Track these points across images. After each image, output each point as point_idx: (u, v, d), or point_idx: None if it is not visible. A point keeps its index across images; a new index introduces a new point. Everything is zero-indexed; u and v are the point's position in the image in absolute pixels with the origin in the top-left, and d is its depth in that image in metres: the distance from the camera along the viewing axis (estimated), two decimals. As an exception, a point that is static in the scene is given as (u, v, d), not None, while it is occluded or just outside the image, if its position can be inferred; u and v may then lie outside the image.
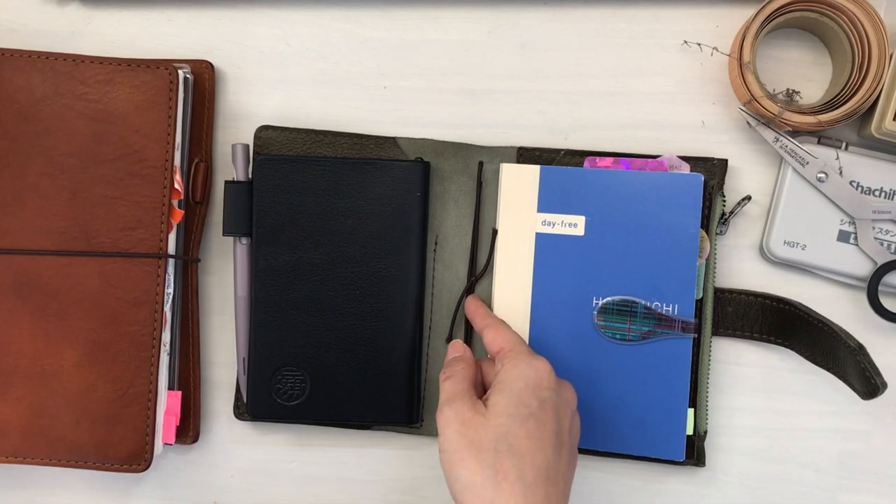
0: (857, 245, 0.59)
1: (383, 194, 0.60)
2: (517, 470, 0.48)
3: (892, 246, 0.59)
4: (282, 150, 0.62)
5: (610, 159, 0.60)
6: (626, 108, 0.62)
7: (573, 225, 0.59)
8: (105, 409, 0.59)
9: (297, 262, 0.60)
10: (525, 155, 0.61)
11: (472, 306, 0.59)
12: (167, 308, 0.60)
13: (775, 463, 0.62)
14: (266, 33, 0.64)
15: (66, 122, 0.59)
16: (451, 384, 0.53)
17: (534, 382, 0.51)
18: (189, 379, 0.63)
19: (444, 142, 0.62)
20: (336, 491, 0.64)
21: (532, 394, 0.51)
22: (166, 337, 0.60)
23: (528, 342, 0.59)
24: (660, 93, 0.62)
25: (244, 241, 0.61)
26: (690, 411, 0.59)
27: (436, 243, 0.62)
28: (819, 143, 0.59)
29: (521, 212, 0.60)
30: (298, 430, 0.64)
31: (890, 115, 0.56)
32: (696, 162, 0.60)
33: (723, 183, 0.60)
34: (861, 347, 0.54)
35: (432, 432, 0.62)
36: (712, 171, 0.60)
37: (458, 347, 0.57)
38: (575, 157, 0.61)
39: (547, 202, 0.59)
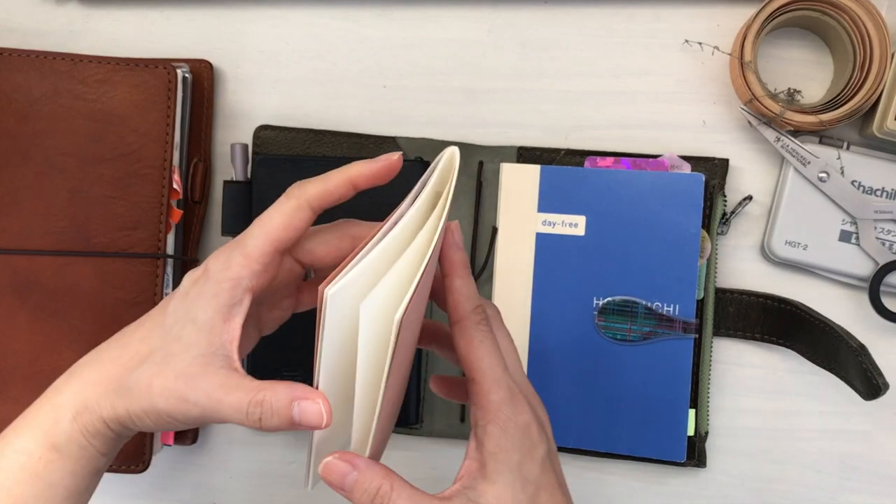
0: (858, 245, 0.59)
1: (383, 194, 0.60)
2: None
3: (894, 246, 0.59)
4: (281, 150, 0.62)
5: (610, 159, 0.60)
6: (627, 108, 0.62)
7: (573, 225, 0.59)
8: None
9: (297, 262, 0.60)
10: (525, 154, 0.61)
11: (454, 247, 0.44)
12: (166, 308, 0.60)
13: (776, 464, 0.62)
14: (265, 32, 0.64)
15: (64, 121, 0.59)
16: None
17: (528, 446, 0.41)
18: (188, 379, 0.63)
19: (443, 141, 0.62)
20: (335, 492, 0.64)
21: (531, 461, 0.41)
22: (165, 337, 0.60)
23: (528, 343, 0.59)
24: (661, 92, 0.62)
25: (243, 241, 0.61)
26: (691, 412, 0.59)
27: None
28: (820, 142, 0.59)
29: (521, 212, 0.59)
30: (297, 430, 0.64)
31: (891, 115, 0.55)
32: (696, 162, 0.60)
33: (724, 183, 0.60)
34: (863, 348, 0.54)
35: (432, 432, 0.62)
36: (713, 170, 0.60)
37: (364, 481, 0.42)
38: (575, 157, 0.61)
39: (547, 202, 0.59)
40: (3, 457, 0.43)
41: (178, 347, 0.41)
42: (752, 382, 0.62)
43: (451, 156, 0.41)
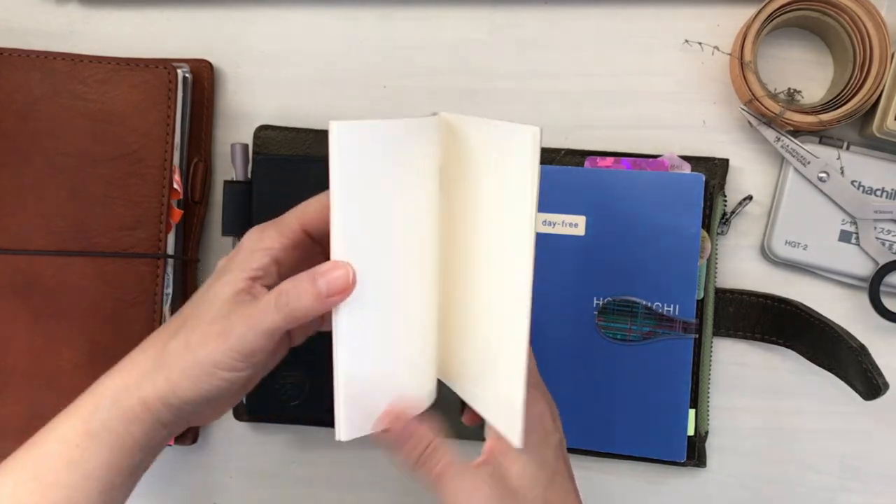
0: (858, 245, 0.59)
1: None
2: None
3: (894, 246, 0.59)
4: (281, 150, 0.62)
5: (610, 159, 0.60)
6: (627, 108, 0.62)
7: (574, 225, 0.59)
8: (104, 410, 0.59)
9: (297, 262, 0.60)
10: (525, 155, 0.61)
11: None
12: (166, 308, 0.60)
13: (776, 464, 0.62)
14: (265, 33, 0.64)
15: (64, 121, 0.59)
16: (448, 476, 0.43)
17: (543, 433, 0.45)
18: (188, 379, 0.63)
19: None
20: (335, 492, 0.64)
21: (546, 446, 0.44)
22: (165, 337, 0.60)
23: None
24: (660, 92, 0.62)
25: (243, 241, 0.61)
26: (691, 412, 0.59)
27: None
28: (820, 142, 0.59)
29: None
30: (297, 431, 0.64)
31: (891, 115, 0.55)
32: (697, 161, 0.60)
33: (724, 183, 0.60)
34: (863, 348, 0.54)
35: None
36: (713, 170, 0.60)
37: (417, 435, 0.45)
38: (575, 157, 0.61)
39: (547, 202, 0.59)
40: (43, 445, 0.44)
41: (208, 305, 0.43)
42: (752, 382, 0.62)
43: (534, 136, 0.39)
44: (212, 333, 0.42)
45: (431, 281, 0.45)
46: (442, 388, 0.52)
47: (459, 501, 0.42)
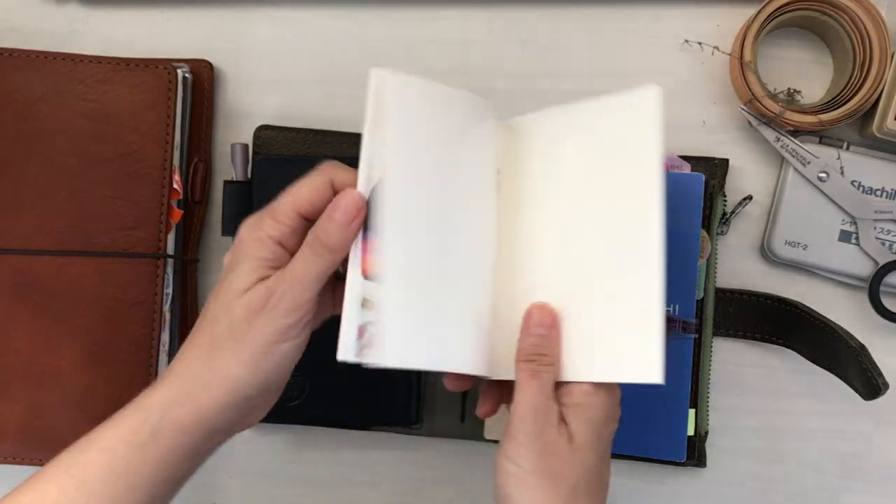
0: (858, 245, 0.59)
1: None
2: None
3: (894, 246, 0.59)
4: (281, 150, 0.62)
5: (611, 159, 0.60)
6: (627, 108, 0.62)
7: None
8: (104, 410, 0.58)
9: (297, 262, 0.60)
10: (525, 155, 0.61)
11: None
12: (166, 308, 0.60)
13: (776, 464, 0.62)
14: (265, 32, 0.64)
15: (64, 121, 0.59)
16: (537, 389, 0.43)
17: (608, 412, 0.44)
18: (188, 379, 0.63)
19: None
20: (335, 492, 0.64)
21: (606, 427, 0.44)
22: (165, 337, 0.60)
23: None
24: (660, 92, 0.62)
25: (243, 241, 0.61)
26: (691, 412, 0.59)
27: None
28: (820, 142, 0.59)
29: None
30: (298, 430, 0.64)
31: (891, 115, 0.55)
32: (696, 161, 0.60)
33: (724, 183, 0.60)
34: (862, 348, 0.54)
35: (432, 432, 0.62)
36: (713, 170, 0.60)
37: (546, 318, 0.44)
38: (575, 157, 0.61)
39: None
40: (87, 452, 0.43)
41: (233, 295, 0.43)
42: (752, 382, 0.62)
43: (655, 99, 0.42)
44: (253, 311, 0.42)
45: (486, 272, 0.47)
46: (440, 389, 0.52)
47: (517, 430, 0.43)
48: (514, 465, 0.42)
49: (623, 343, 0.42)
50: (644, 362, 0.41)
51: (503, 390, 0.48)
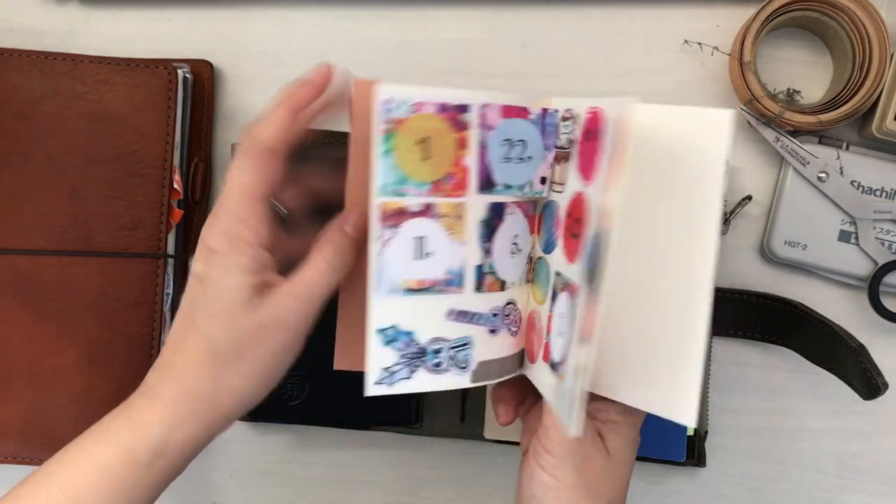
0: (857, 245, 0.59)
1: None
2: None
3: (893, 246, 0.59)
4: (281, 150, 0.62)
5: (611, 159, 0.60)
6: (627, 108, 0.62)
7: (574, 225, 0.59)
8: (104, 410, 0.58)
9: (297, 262, 0.60)
10: (525, 155, 0.61)
11: None
12: (166, 308, 0.60)
13: (776, 463, 0.62)
14: (266, 33, 0.64)
15: (64, 121, 0.59)
16: None
17: (639, 430, 0.46)
18: (188, 379, 0.63)
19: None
20: (335, 491, 0.64)
21: (636, 443, 0.46)
22: (165, 337, 0.60)
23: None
24: (660, 92, 0.62)
25: (243, 241, 0.61)
26: (691, 412, 0.59)
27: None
28: (820, 142, 0.59)
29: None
30: (298, 430, 0.64)
31: (891, 115, 0.56)
32: (696, 162, 0.60)
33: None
34: (862, 347, 0.54)
35: (432, 432, 0.62)
36: (713, 170, 0.60)
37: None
38: (575, 157, 0.61)
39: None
40: (79, 467, 0.43)
41: (220, 293, 0.42)
42: (751, 382, 0.62)
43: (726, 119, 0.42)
44: (261, 327, 0.42)
45: None
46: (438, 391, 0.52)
47: (558, 446, 0.43)
48: (554, 480, 0.43)
49: (664, 378, 0.42)
50: (680, 403, 0.41)
51: (518, 392, 0.48)
